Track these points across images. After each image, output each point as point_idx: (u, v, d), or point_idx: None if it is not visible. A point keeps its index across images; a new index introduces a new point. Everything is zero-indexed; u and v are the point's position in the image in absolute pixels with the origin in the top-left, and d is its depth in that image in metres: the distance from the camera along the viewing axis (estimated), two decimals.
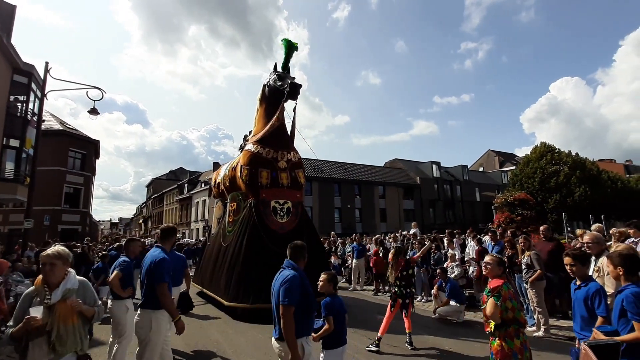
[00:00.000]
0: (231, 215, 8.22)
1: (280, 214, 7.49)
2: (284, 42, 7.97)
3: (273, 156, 7.69)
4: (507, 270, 6.18)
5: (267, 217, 7.30)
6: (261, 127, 7.97)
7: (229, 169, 8.83)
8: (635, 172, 48.01)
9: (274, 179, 7.60)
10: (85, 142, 26.07)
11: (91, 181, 26.99)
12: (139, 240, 5.12)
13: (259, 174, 7.52)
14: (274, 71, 7.99)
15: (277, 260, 6.32)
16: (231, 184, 8.59)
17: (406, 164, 42.46)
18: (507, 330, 2.82)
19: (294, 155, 8.09)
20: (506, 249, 6.72)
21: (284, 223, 7.44)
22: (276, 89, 7.60)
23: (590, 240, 3.65)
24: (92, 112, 10.89)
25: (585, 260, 2.92)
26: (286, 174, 7.76)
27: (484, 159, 55.98)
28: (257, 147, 7.70)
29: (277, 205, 7.51)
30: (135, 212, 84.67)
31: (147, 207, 64.02)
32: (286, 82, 7.40)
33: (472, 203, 42.82)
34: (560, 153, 31.00)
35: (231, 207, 8.37)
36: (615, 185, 31.53)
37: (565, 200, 28.01)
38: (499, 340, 2.84)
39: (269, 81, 7.93)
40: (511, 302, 2.84)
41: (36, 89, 15.56)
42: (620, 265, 2.44)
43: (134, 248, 4.59)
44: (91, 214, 29.83)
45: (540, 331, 5.58)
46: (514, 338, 2.79)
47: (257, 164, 7.57)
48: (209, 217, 37.52)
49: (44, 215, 21.81)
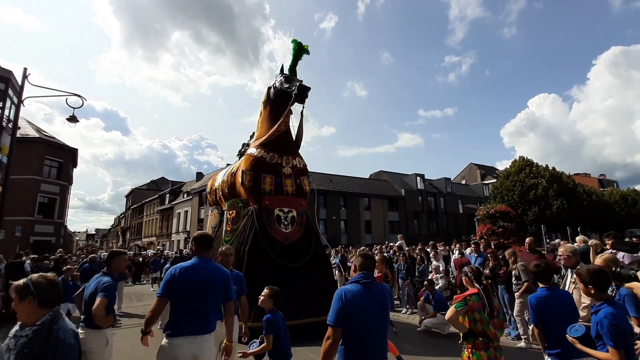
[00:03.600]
0: (229, 224, 7.63)
1: (285, 223, 6.99)
2: (294, 43, 7.58)
3: (277, 161, 7.21)
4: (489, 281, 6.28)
5: (270, 226, 6.79)
6: (265, 130, 7.53)
7: (228, 175, 8.28)
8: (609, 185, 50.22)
9: (278, 185, 7.12)
10: (63, 150, 25.21)
11: (67, 191, 26.02)
12: (124, 253, 4.04)
13: (262, 179, 7.03)
14: (280, 73, 7.60)
15: (281, 273, 6.08)
16: (230, 191, 8.08)
17: (391, 176, 42.96)
18: (474, 342, 2.82)
19: (299, 161, 7.62)
20: (489, 261, 6.81)
21: (288, 233, 6.90)
22: (283, 92, 7.18)
23: (565, 252, 3.69)
24: (71, 119, 10.56)
25: None
26: (291, 180, 7.29)
27: (466, 172, 57.30)
28: (261, 151, 7.23)
29: (281, 214, 7.01)
30: (114, 222, 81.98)
31: (126, 218, 62.11)
32: (294, 84, 6.98)
33: (456, 215, 43.55)
34: (538, 167, 32.14)
35: (229, 215, 7.78)
36: (590, 198, 32.81)
37: (544, 213, 28.88)
38: (467, 351, 2.85)
39: (274, 83, 7.55)
40: (479, 313, 2.84)
41: (13, 95, 15.05)
42: (590, 284, 2.43)
43: (118, 264, 3.71)
44: (66, 225, 28.68)
45: (522, 342, 5.63)
46: (481, 350, 2.78)
47: (261, 169, 7.10)
48: (191, 229, 36.67)
49: (15, 226, 20.80)
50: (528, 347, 5.54)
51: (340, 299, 2.20)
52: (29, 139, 22.27)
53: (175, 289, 2.67)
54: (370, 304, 2.21)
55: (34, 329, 1.80)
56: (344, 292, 2.22)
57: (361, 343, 2.17)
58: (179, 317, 2.65)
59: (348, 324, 2.15)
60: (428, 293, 7.02)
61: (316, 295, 6.18)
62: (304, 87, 6.85)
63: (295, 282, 6.17)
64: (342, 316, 2.15)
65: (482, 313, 2.84)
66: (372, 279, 2.34)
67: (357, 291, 2.23)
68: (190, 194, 38.46)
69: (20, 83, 10.09)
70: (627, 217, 34.78)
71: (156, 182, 61.26)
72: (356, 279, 2.31)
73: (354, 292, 2.22)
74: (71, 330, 1.93)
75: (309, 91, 6.89)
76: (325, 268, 7.33)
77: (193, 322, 2.64)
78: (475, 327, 2.81)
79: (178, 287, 2.67)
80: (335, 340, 2.14)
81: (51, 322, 1.85)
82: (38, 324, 1.81)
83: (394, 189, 40.74)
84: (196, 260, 2.81)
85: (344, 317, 2.15)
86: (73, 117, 10.55)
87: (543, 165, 32.39)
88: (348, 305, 2.16)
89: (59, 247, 19.11)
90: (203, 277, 2.72)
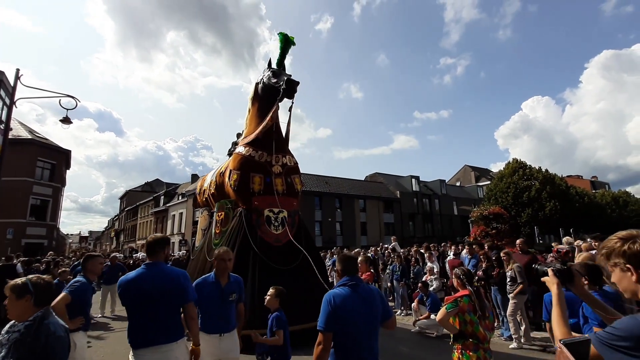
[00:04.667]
0: (218, 226, 7.34)
1: (275, 224, 6.68)
2: (280, 36, 7.28)
3: (267, 160, 6.90)
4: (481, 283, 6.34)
5: (259, 227, 6.50)
6: (253, 128, 7.24)
7: (217, 175, 8.07)
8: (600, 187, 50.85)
9: (267, 185, 6.80)
10: (56, 152, 24.99)
11: (60, 192, 25.76)
12: (99, 256, 4.12)
13: (251, 179, 6.73)
14: (268, 67, 7.29)
15: (271, 277, 5.64)
16: (219, 192, 7.82)
17: (386, 178, 43.10)
18: (464, 343, 2.84)
19: (290, 159, 7.31)
20: (482, 262, 6.87)
21: (278, 235, 6.61)
22: (271, 87, 6.85)
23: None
24: (64, 121, 10.47)
25: None
26: (281, 179, 6.97)
27: (460, 174, 57.67)
28: (249, 150, 6.92)
29: (271, 215, 6.70)
30: (107, 225, 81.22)
31: (120, 220, 61.54)
32: (282, 79, 6.65)
33: (450, 217, 43.77)
34: (532, 169, 32.46)
35: (218, 216, 7.49)
36: (582, 200, 33.21)
37: (537, 215, 29.15)
38: (457, 352, 2.88)
39: (262, 78, 7.24)
40: (470, 315, 2.86)
41: (5, 96, 14.90)
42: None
43: (93, 266, 3.69)
44: (58, 227, 28.36)
45: (514, 343, 5.68)
46: (471, 351, 2.81)
47: (249, 168, 6.79)
48: (186, 231, 36.45)
49: (7, 228, 20.57)
50: (519, 347, 5.59)
51: (329, 303, 2.18)
52: (21, 141, 22.05)
53: (125, 300, 2.59)
54: (359, 306, 2.20)
55: (26, 324, 1.88)
56: (332, 296, 2.21)
57: (351, 346, 2.16)
58: (138, 328, 2.56)
59: (338, 328, 2.13)
60: (422, 294, 7.06)
61: (309, 300, 5.76)
62: (292, 81, 6.51)
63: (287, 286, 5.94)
64: (332, 321, 2.13)
65: (473, 315, 2.86)
66: (358, 280, 2.33)
67: (346, 294, 2.21)
68: (185, 196, 38.23)
69: (13, 84, 9.99)
70: (619, 219, 35.22)
71: (151, 183, 60.82)
72: (343, 282, 2.30)
73: (342, 296, 2.20)
74: (61, 325, 2.02)
75: (297, 85, 6.56)
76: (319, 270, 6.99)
77: (153, 332, 2.53)
78: (465, 328, 2.84)
79: (125, 300, 2.59)
80: (327, 346, 2.12)
81: (42, 317, 1.94)
82: (30, 320, 1.90)
83: (389, 190, 40.88)
84: (142, 269, 2.67)
85: (334, 321, 2.13)
86: (66, 119, 10.45)
87: (536, 168, 32.74)
88: (337, 309, 2.14)
89: (51, 250, 18.90)
90: (148, 286, 2.55)
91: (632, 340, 1.05)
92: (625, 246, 1.24)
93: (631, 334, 1.06)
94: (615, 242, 1.29)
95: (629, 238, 1.26)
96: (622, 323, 1.13)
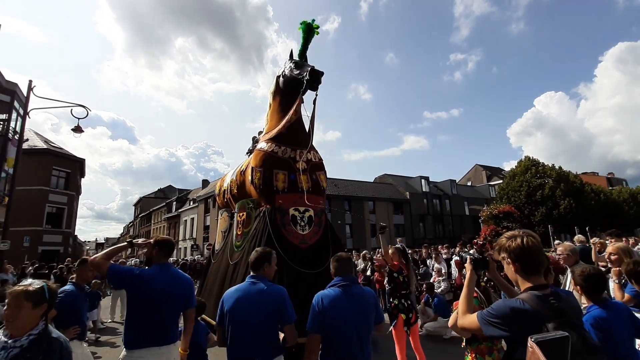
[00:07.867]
0: (240, 227, 6.93)
1: (301, 224, 6.23)
2: (302, 25, 6.83)
3: (290, 155, 6.48)
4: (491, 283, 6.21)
5: (285, 227, 6.06)
6: (275, 123, 6.82)
7: (237, 174, 7.63)
8: (617, 184, 49.39)
9: (292, 182, 6.39)
10: (70, 161, 25.63)
11: (75, 200, 26.38)
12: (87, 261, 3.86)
13: (274, 176, 6.33)
14: (289, 59, 6.90)
15: (298, 281, 5.50)
16: (240, 191, 7.39)
17: (395, 179, 42.80)
18: (478, 347, 2.80)
19: (314, 155, 6.88)
20: None
21: (305, 235, 6.15)
22: (293, 79, 6.41)
23: (564, 251, 3.64)
24: (76, 130, 10.77)
25: None
26: (306, 176, 6.52)
27: (471, 174, 56.85)
28: (272, 146, 6.53)
29: (296, 214, 6.27)
30: (123, 231, 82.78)
31: (135, 226, 62.68)
32: (305, 70, 6.19)
33: (461, 217, 43.15)
34: (545, 166, 31.79)
35: (240, 217, 7.06)
36: (598, 198, 32.30)
37: (551, 213, 28.50)
38: (470, 355, 2.83)
39: (283, 71, 6.83)
40: None
41: (19, 107, 15.37)
42: (578, 285, 2.37)
43: (81, 272, 3.54)
44: (75, 235, 29.05)
45: None
46: (486, 355, 2.76)
47: (272, 165, 6.39)
48: (197, 236, 36.88)
49: (23, 236, 21.13)
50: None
51: (317, 304, 2.17)
52: (36, 150, 22.71)
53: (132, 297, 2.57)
54: (349, 307, 2.17)
55: (30, 338, 1.66)
56: (320, 298, 2.20)
57: (341, 349, 2.13)
58: (138, 328, 2.51)
59: (326, 330, 2.11)
60: (428, 296, 6.97)
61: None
62: (316, 71, 6.00)
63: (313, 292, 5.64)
64: (318, 322, 2.12)
65: None
66: (351, 281, 2.30)
67: (335, 295, 2.19)
68: (196, 201, 38.72)
69: (26, 95, 10.33)
70: (637, 215, 34.18)
71: (163, 190, 61.87)
72: (334, 282, 2.29)
73: (331, 297, 2.18)
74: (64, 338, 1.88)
75: (322, 76, 6.05)
76: None
77: (154, 332, 2.51)
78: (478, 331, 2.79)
79: (132, 298, 2.57)
80: (314, 348, 2.10)
81: (46, 329, 1.74)
82: (35, 333, 1.69)
83: (398, 192, 40.56)
84: (155, 269, 2.64)
85: (320, 323, 2.11)
86: (78, 128, 10.75)
87: (549, 165, 32.05)
88: (325, 311, 2.13)
89: (68, 257, 19.34)
90: (159, 286, 2.53)
91: (501, 318, 1.38)
92: (507, 243, 1.51)
93: (502, 313, 1.38)
94: (503, 240, 1.55)
95: (511, 237, 1.52)
96: (496, 305, 1.45)
